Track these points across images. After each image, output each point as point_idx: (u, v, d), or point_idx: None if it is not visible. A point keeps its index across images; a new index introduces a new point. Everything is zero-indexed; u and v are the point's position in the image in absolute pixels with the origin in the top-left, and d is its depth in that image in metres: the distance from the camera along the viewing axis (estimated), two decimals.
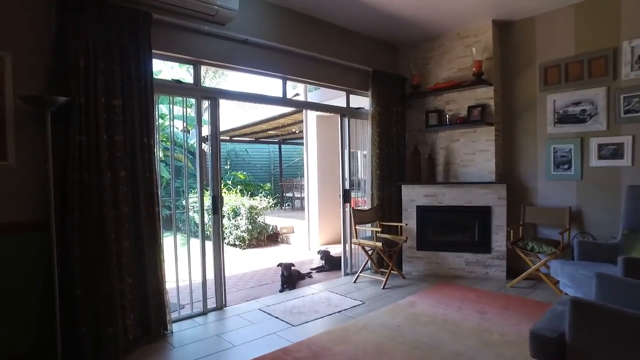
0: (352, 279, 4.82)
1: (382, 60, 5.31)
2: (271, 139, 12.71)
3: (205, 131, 3.80)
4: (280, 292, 4.47)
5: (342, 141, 5.10)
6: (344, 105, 5.12)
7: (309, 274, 5.23)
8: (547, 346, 1.84)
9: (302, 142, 13.68)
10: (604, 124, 4.10)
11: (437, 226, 5.09)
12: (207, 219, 4.37)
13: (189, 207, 6.89)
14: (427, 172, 5.17)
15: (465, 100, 4.98)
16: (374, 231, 4.51)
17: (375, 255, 4.99)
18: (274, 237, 8.07)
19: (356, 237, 4.70)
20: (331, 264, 5.48)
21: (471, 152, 4.98)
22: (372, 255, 4.90)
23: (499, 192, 4.66)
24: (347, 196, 5.10)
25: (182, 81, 3.59)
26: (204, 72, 15.03)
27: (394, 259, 4.71)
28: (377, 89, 5.07)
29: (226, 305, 3.92)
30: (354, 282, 4.72)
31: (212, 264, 3.84)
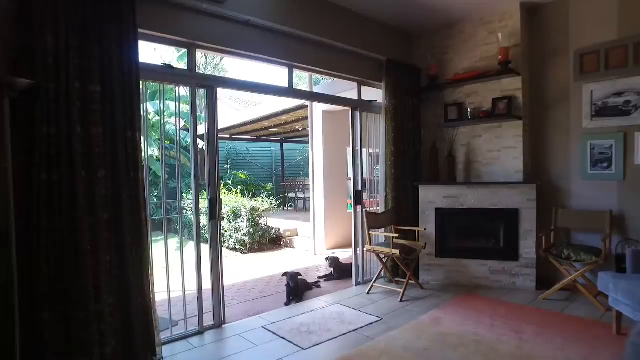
0: (365, 289, 4.36)
1: (395, 48, 4.84)
2: (273, 137, 12.25)
3: (201, 127, 3.34)
4: (285, 305, 4.01)
5: (354, 137, 4.63)
6: (355, 97, 4.65)
7: (317, 284, 4.77)
8: None
9: (305, 140, 13.25)
10: None
11: (459, 231, 4.63)
12: (204, 223, 3.90)
13: (182, 210, 6.43)
14: (446, 172, 4.71)
15: (488, 92, 4.51)
16: (390, 237, 4.05)
17: (389, 262, 4.53)
18: (276, 241, 7.61)
19: (369, 243, 4.24)
20: (340, 272, 5.02)
21: (496, 149, 4.51)
22: (386, 262, 4.44)
23: (528, 193, 4.20)
24: (359, 198, 4.64)
25: (174, 67, 3.13)
26: (201, 64, 14.54)
27: (412, 267, 4.25)
28: (391, 79, 4.61)
29: (225, 321, 3.46)
30: (367, 293, 4.26)
31: (210, 274, 3.38)
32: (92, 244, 2.36)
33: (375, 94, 4.80)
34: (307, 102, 6.86)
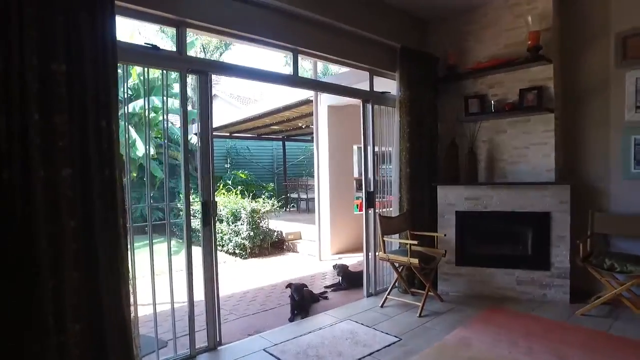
0: (377, 301, 3.92)
1: (410, 35, 4.40)
2: (274, 136, 11.80)
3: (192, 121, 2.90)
4: (290, 321, 3.56)
5: (365, 133, 4.18)
6: (367, 88, 4.20)
7: (324, 295, 4.32)
8: None
9: (307, 138, 12.81)
10: None
11: (482, 236, 4.18)
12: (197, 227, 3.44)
13: (171, 212, 6.00)
14: (467, 171, 4.25)
15: (514, 82, 4.06)
16: (408, 244, 3.59)
17: (404, 272, 4.08)
18: (279, 245, 7.16)
19: (383, 250, 3.79)
20: (350, 281, 4.57)
21: (523, 146, 4.06)
22: (401, 272, 3.99)
23: (561, 194, 3.74)
24: (371, 200, 4.19)
25: (161, 48, 2.68)
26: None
27: (431, 278, 3.80)
28: (406, 69, 4.16)
29: (221, 342, 3.02)
30: (381, 306, 3.81)
31: (203, 287, 2.94)
32: (55, 258, 1.92)
33: (387, 86, 4.35)
34: (312, 97, 6.42)
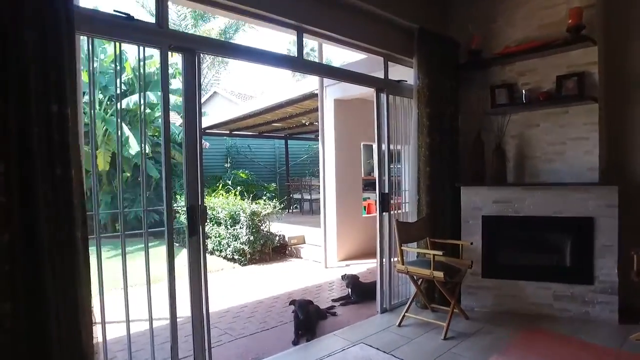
0: (394, 318, 3.42)
1: (429, 15, 3.90)
2: (276, 134, 11.32)
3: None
4: (294, 344, 3.06)
5: (379, 126, 3.68)
6: (381, 76, 3.70)
7: (332, 310, 3.82)
8: None
9: (311, 137, 12.31)
10: None
11: (512, 244, 3.67)
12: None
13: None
14: (494, 170, 3.75)
15: (550, 68, 3.55)
16: (431, 255, 3.09)
17: (423, 284, 3.58)
18: (281, 250, 6.66)
19: (402, 262, 3.29)
20: (360, 294, 4.08)
21: (559, 142, 3.56)
22: (420, 285, 3.49)
23: (607, 197, 3.23)
24: (386, 202, 3.69)
25: (135, 18, 2.18)
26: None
27: (457, 293, 3.30)
28: (425, 53, 3.66)
29: None
30: (399, 325, 3.31)
31: (190, 307, 2.45)
32: None
33: (402, 76, 3.86)
34: (316, 91, 5.92)
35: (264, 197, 6.65)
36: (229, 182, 9.46)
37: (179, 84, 12.21)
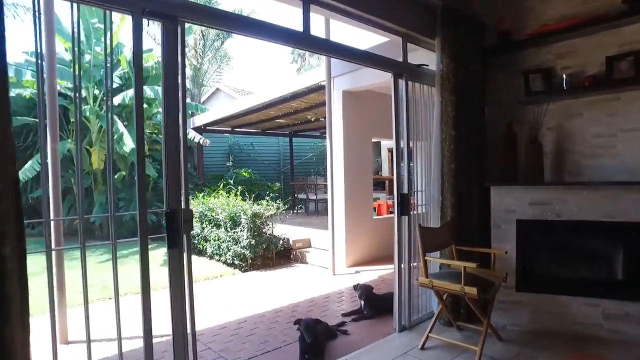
0: (415, 339, 2.96)
1: None
2: (281, 131, 10.86)
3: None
4: None
5: (397, 117, 3.20)
6: (400, 59, 3.22)
7: (342, 327, 3.35)
8: None
9: (316, 134, 11.83)
10: None
11: (552, 253, 3.18)
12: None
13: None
14: (530, 167, 3.26)
15: (596, 48, 3.06)
16: (462, 267, 2.60)
17: (448, 298, 3.10)
18: (285, 254, 6.21)
19: (425, 274, 2.81)
20: (375, 307, 3.61)
21: (608, 134, 3.06)
22: (445, 299, 3.01)
23: None
24: (405, 204, 3.21)
25: None
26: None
27: (490, 312, 2.81)
28: (449, 34, 3.20)
29: None
30: (421, 348, 2.84)
31: (172, 332, 1.99)
32: None
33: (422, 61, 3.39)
34: (324, 82, 5.44)
35: (267, 198, 6.18)
36: (231, 182, 9.02)
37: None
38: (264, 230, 5.80)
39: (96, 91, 8.01)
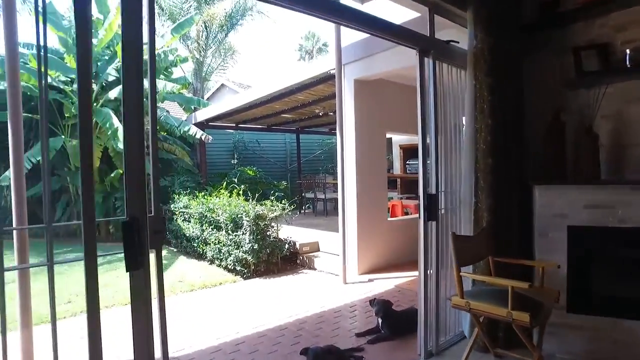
0: None
1: None
2: (287, 127, 10.37)
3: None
4: None
5: (424, 105, 2.68)
6: (426, 33, 2.70)
7: (357, 352, 2.84)
8: None
9: (325, 130, 11.30)
10: None
11: (615, 268, 2.64)
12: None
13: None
14: (584, 162, 2.71)
15: None
16: (509, 285, 2.08)
17: (485, 320, 2.57)
18: (291, 259, 5.71)
19: (460, 294, 2.29)
20: (394, 325, 3.10)
21: None
22: (482, 322, 2.49)
23: None
24: (433, 206, 2.68)
25: None
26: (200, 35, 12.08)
27: (541, 340, 2.28)
28: (484, 4, 2.67)
29: None
30: None
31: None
32: None
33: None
34: (333, 71, 4.92)
35: (271, 197, 5.69)
36: (235, 180, 8.55)
37: (180, 72, 11.38)
38: (268, 233, 5.31)
39: (94, 86, 7.60)
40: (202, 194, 6.74)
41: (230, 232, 5.37)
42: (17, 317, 2.29)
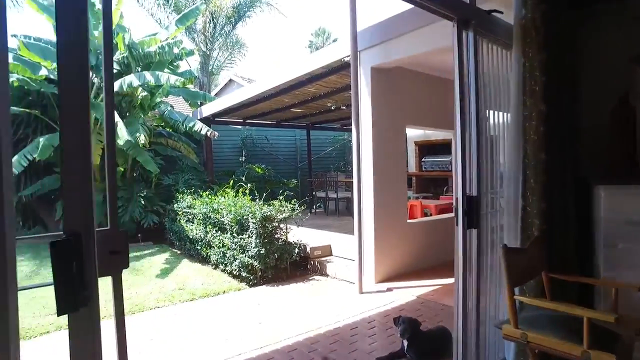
0: None
1: None
2: (297, 122, 9.93)
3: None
4: None
5: (463, 87, 2.20)
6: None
7: None
8: None
9: (336, 126, 10.84)
10: None
11: None
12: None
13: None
14: None
15: None
16: (584, 316, 1.60)
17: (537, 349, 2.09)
18: (301, 263, 5.27)
19: (514, 322, 1.82)
20: (422, 350, 2.63)
21: None
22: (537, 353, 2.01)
23: None
24: (473, 211, 2.20)
25: None
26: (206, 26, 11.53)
27: None
28: None
29: None
30: None
31: None
32: None
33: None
34: (348, 58, 4.45)
35: (280, 197, 5.25)
36: (243, 178, 8.14)
37: (187, 65, 10.98)
38: (276, 236, 4.88)
39: (95, 79, 7.25)
40: (207, 193, 6.34)
41: (235, 234, 4.95)
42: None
